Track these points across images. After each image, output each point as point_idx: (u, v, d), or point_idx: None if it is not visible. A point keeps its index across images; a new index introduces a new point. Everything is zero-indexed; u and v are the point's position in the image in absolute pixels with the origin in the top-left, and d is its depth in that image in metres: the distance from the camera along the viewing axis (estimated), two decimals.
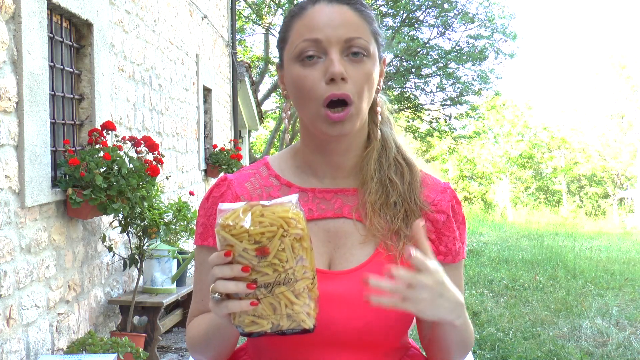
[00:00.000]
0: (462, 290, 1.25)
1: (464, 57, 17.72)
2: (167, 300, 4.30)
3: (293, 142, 1.33)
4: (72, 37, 3.94)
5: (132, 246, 4.25)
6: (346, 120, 1.10)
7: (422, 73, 18.28)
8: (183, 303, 4.98)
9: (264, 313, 0.94)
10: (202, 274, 1.22)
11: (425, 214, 1.20)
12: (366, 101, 1.13)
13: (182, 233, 4.36)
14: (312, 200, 1.20)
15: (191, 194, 5.99)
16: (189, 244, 4.84)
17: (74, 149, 3.76)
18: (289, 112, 1.24)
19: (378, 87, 1.20)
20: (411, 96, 19.43)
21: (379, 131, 1.22)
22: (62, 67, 3.77)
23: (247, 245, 0.92)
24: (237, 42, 14.63)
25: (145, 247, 4.16)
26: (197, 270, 1.24)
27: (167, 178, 4.92)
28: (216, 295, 0.96)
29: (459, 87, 18.63)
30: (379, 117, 1.22)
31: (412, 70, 17.98)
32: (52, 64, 3.60)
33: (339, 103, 1.10)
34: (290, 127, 18.07)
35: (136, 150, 4.00)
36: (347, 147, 1.19)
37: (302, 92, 1.12)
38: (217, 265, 0.94)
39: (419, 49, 17.55)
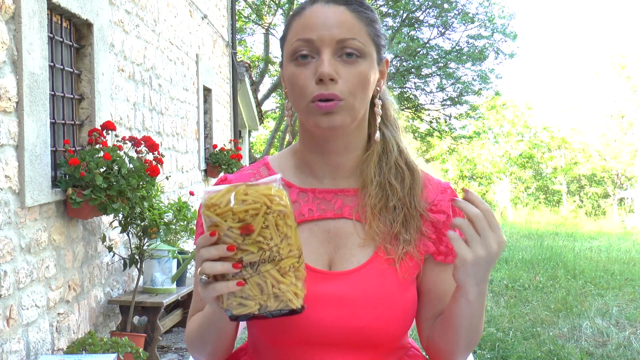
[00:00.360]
0: None
1: (464, 57, 17.73)
2: (167, 300, 4.30)
3: (293, 142, 1.33)
4: (72, 37, 3.94)
5: (132, 246, 4.25)
6: (335, 111, 1.10)
7: (422, 73, 18.29)
8: (183, 303, 4.98)
9: (251, 294, 0.95)
10: None
11: (425, 214, 1.20)
12: (360, 100, 1.13)
13: (182, 233, 4.36)
14: (312, 200, 1.20)
15: (191, 194, 6.00)
16: (189, 244, 4.84)
17: (74, 149, 3.76)
18: (291, 111, 1.24)
19: (378, 88, 1.20)
20: (411, 96, 19.44)
21: (377, 132, 1.22)
22: (62, 67, 3.77)
23: (232, 223, 0.93)
24: (237, 42, 14.63)
25: (145, 247, 4.16)
26: (197, 269, 1.24)
27: (167, 178, 4.92)
28: (204, 277, 0.97)
29: (459, 87, 18.65)
30: (378, 119, 1.22)
31: (412, 70, 17.99)
32: (52, 64, 3.60)
33: (327, 100, 1.10)
34: (290, 127, 18.06)
35: (136, 150, 4.00)
36: (345, 146, 1.19)
37: (294, 90, 1.13)
38: (203, 247, 0.95)
39: (419, 49, 17.56)
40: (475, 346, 1.21)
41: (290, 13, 1.22)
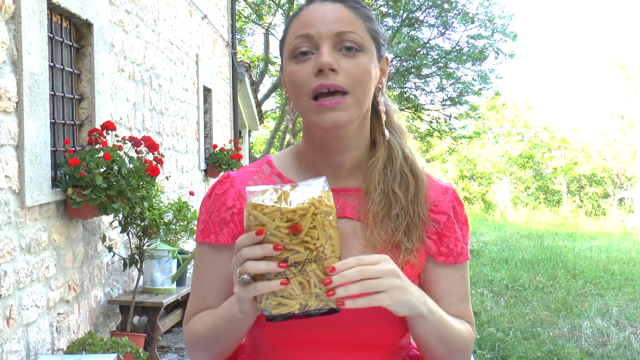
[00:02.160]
0: (468, 292, 1.24)
1: (464, 57, 17.74)
2: (167, 300, 4.30)
3: (294, 142, 1.33)
4: (72, 37, 3.94)
5: (132, 246, 4.25)
6: (340, 107, 1.09)
7: (422, 73, 18.30)
8: (183, 303, 4.98)
9: (293, 293, 0.96)
10: (204, 272, 1.21)
11: (425, 223, 1.19)
12: (363, 95, 1.12)
13: (182, 233, 4.36)
14: None
15: (191, 194, 5.99)
16: (189, 244, 4.84)
17: (74, 149, 3.76)
18: (292, 115, 1.24)
19: (379, 85, 1.20)
20: (411, 96, 19.44)
21: (386, 133, 1.21)
22: (62, 67, 3.77)
23: (280, 223, 0.94)
24: (237, 42, 14.62)
25: (145, 247, 4.16)
26: (197, 269, 1.23)
27: (167, 178, 4.92)
28: (245, 277, 0.97)
29: (459, 87, 18.65)
30: (383, 116, 1.21)
31: (412, 70, 18.00)
32: (52, 64, 3.60)
33: (330, 95, 1.10)
34: (290, 127, 18.07)
35: (136, 150, 4.00)
36: (346, 145, 1.18)
37: (294, 88, 1.13)
38: (246, 246, 0.95)
39: (419, 49, 17.56)
40: (463, 351, 1.19)
41: (290, 15, 1.22)
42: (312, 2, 1.15)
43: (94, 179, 3.47)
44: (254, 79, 13.15)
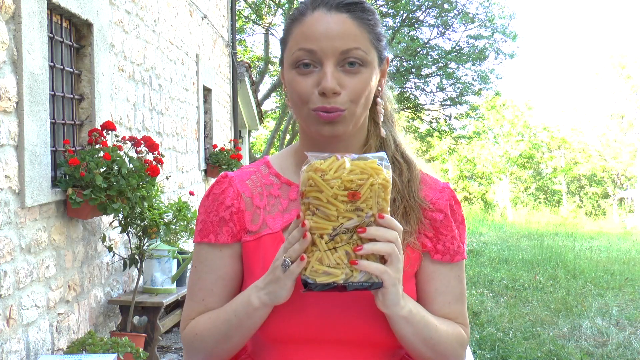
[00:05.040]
0: (464, 293, 1.24)
1: (464, 57, 17.73)
2: (167, 300, 4.30)
3: (293, 142, 1.33)
4: (72, 37, 3.94)
5: (132, 246, 4.25)
6: (337, 121, 1.11)
7: (422, 73, 18.30)
8: (183, 303, 4.96)
9: (340, 262, 0.98)
10: (203, 273, 1.20)
11: (424, 211, 1.20)
12: (361, 108, 1.14)
13: (182, 233, 4.36)
14: None
15: (191, 194, 5.99)
16: (189, 244, 4.84)
17: (74, 149, 3.76)
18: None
19: (379, 88, 1.20)
20: (411, 96, 19.44)
21: (382, 130, 1.22)
22: (62, 67, 3.77)
23: (338, 191, 0.97)
24: (237, 42, 14.63)
25: (145, 247, 4.16)
26: (196, 270, 1.22)
27: (167, 178, 4.92)
28: (287, 260, 1.01)
29: (459, 87, 18.65)
30: (381, 117, 1.22)
31: (412, 70, 18.00)
32: (52, 64, 3.60)
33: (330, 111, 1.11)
34: (290, 127, 18.09)
35: (136, 150, 4.00)
36: (345, 148, 1.19)
37: (295, 97, 1.14)
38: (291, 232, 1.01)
39: (419, 49, 17.56)
40: (453, 354, 1.18)
41: (290, 14, 1.21)
42: (317, 9, 1.13)
43: (94, 179, 3.47)
44: (254, 79, 13.15)
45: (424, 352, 1.14)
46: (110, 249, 4.02)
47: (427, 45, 17.87)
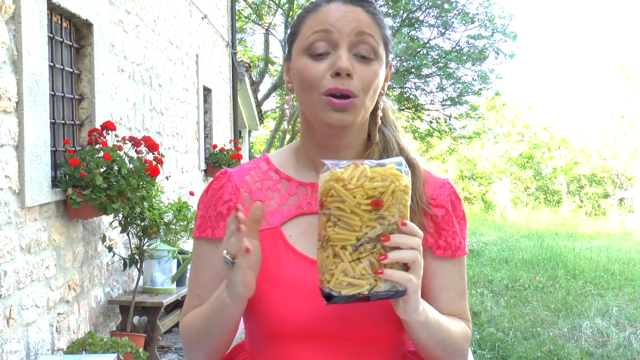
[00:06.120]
0: (466, 288, 1.25)
1: (464, 57, 17.73)
2: (167, 300, 4.30)
3: (294, 141, 1.34)
4: (72, 37, 3.94)
5: (132, 246, 4.25)
6: (347, 109, 1.11)
7: (422, 73, 18.30)
8: (183, 303, 4.97)
9: (365, 273, 0.96)
10: (200, 269, 1.21)
11: (425, 211, 1.20)
12: (370, 100, 1.14)
13: (182, 233, 4.36)
14: (312, 194, 1.21)
15: (191, 194, 5.99)
16: (189, 244, 4.84)
17: (74, 149, 3.76)
18: (291, 104, 1.24)
19: (382, 90, 1.21)
20: (411, 96, 19.45)
21: (376, 134, 1.23)
22: (62, 67, 3.77)
23: (361, 200, 0.95)
24: (237, 42, 14.63)
25: (145, 247, 4.16)
26: (194, 266, 1.23)
27: (167, 178, 4.92)
28: (227, 257, 1.01)
29: (459, 87, 18.65)
30: (379, 121, 1.23)
31: (412, 70, 18.00)
32: (52, 64, 3.60)
33: (342, 97, 1.11)
34: (290, 127, 18.08)
35: (136, 150, 4.00)
36: (346, 143, 1.19)
37: (305, 82, 1.13)
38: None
39: (419, 49, 17.56)
40: (461, 351, 1.19)
41: (303, 8, 1.21)
42: (332, 1, 1.15)
43: (94, 179, 3.47)
44: (254, 79, 13.16)
45: (436, 353, 1.15)
46: (110, 249, 4.02)
47: (427, 45, 17.87)
